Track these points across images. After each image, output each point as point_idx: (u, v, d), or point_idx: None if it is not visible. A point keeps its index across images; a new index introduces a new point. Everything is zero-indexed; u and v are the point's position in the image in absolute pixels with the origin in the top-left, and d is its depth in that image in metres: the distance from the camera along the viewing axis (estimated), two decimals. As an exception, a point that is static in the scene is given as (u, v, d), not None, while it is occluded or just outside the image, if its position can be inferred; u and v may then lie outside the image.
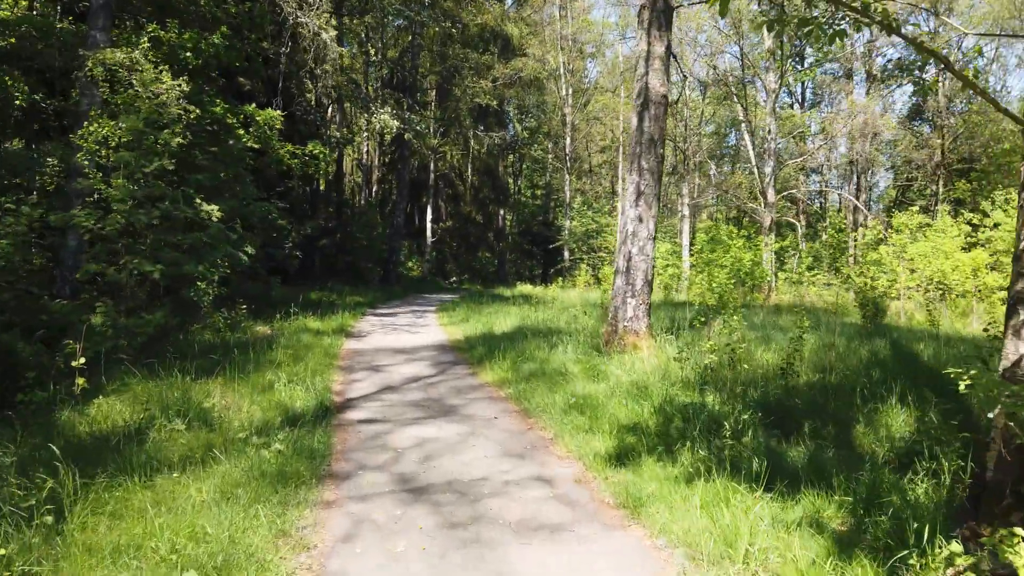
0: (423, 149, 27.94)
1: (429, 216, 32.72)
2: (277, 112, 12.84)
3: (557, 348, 9.20)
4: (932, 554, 3.19)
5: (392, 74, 28.30)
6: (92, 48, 9.74)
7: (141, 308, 8.44)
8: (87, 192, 8.96)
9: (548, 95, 37.68)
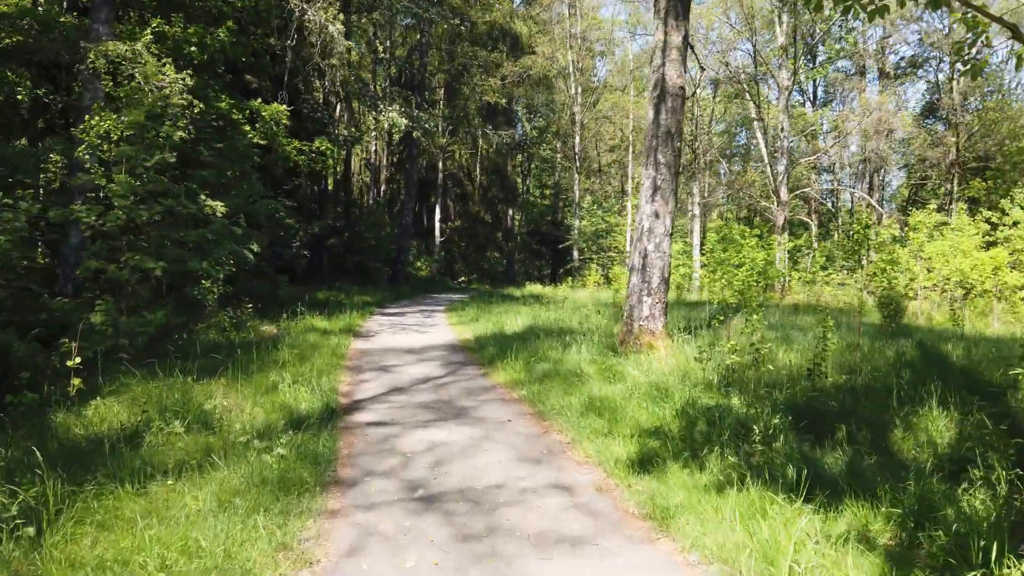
0: (432, 148, 27.70)
1: (438, 215, 32.48)
2: (283, 107, 12.60)
3: (571, 348, 8.90)
4: (999, 574, 2.87)
5: (400, 72, 28.08)
6: (95, 42, 9.53)
7: (143, 306, 8.20)
8: (89, 188, 8.74)
9: (557, 94, 37.40)
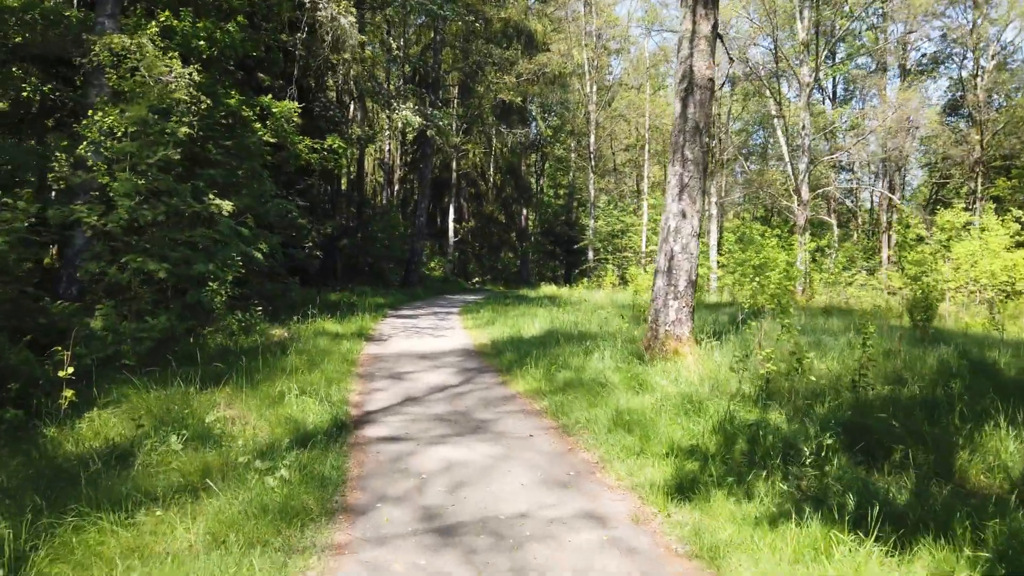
0: (446, 147, 27.33)
1: (451, 216, 32.10)
2: (294, 104, 12.25)
3: (593, 355, 8.45)
4: None
5: (415, 71, 27.75)
6: (100, 36, 9.23)
7: (147, 311, 7.85)
8: (93, 187, 8.42)
9: (572, 92, 36.91)
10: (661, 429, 5.38)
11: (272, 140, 11.86)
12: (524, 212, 36.90)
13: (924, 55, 36.02)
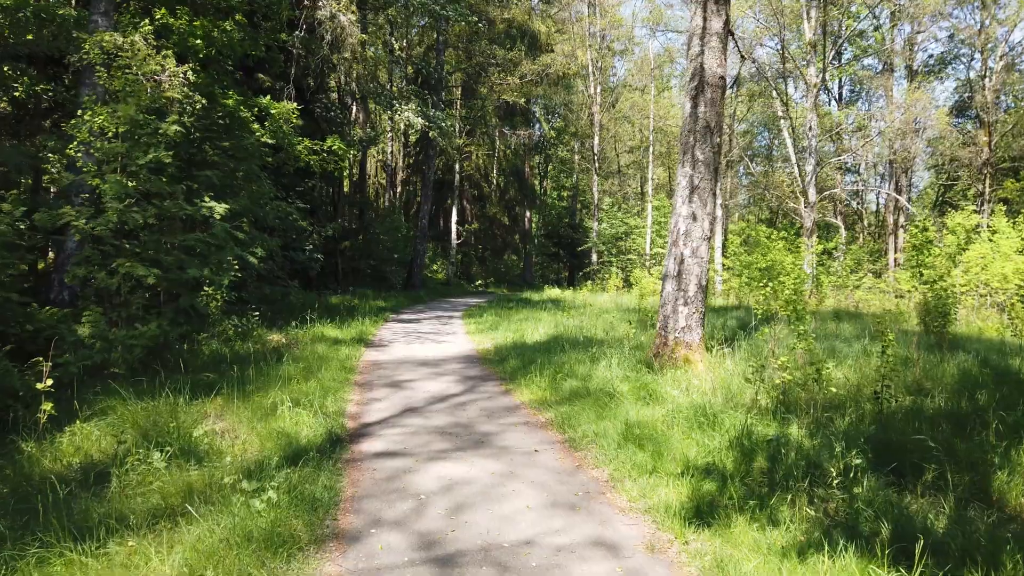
0: (449, 148, 27.04)
1: (454, 218, 31.82)
2: (293, 105, 11.98)
3: (600, 362, 8.15)
4: None
5: (417, 72, 27.48)
6: (92, 34, 8.97)
7: (138, 317, 7.58)
8: (83, 189, 8.15)
9: (575, 94, 36.64)
10: (674, 444, 5.08)
11: (271, 141, 11.60)
12: (527, 214, 36.61)
13: (931, 56, 35.72)
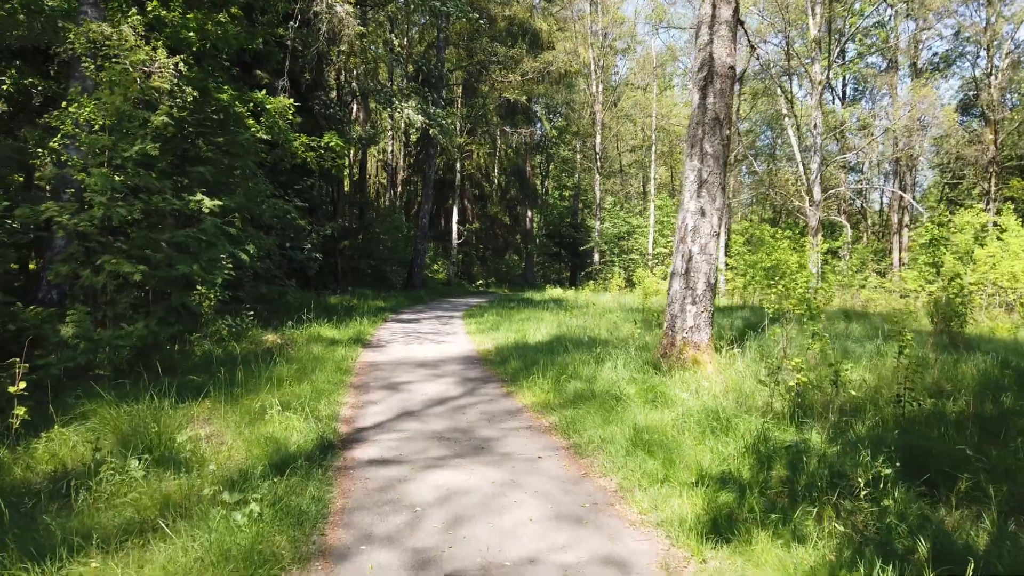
0: (449, 147, 26.76)
1: (455, 217, 31.54)
2: (289, 100, 11.70)
3: (605, 363, 7.85)
4: None
5: (418, 70, 27.21)
6: (81, 24, 8.70)
7: (126, 316, 7.29)
8: (69, 183, 7.87)
9: (577, 92, 36.33)
10: (686, 451, 4.79)
11: (266, 137, 11.32)
12: (529, 214, 36.32)
13: (936, 53, 35.36)
